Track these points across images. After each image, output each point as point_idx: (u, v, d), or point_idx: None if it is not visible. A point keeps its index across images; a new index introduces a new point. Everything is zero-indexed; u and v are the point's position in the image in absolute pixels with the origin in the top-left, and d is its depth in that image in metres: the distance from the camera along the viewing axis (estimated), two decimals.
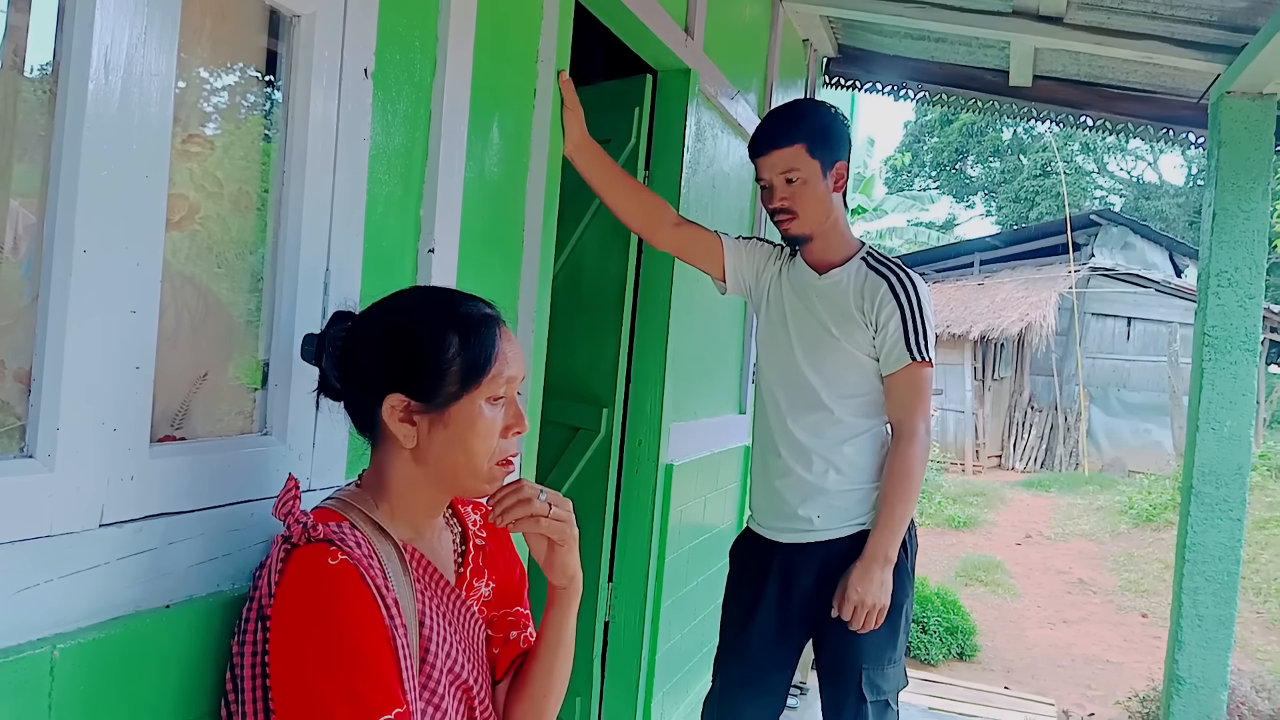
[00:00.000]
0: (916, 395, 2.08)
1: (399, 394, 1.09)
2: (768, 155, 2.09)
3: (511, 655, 1.28)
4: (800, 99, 2.34)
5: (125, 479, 1.01)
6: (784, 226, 2.12)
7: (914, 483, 2.06)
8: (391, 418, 1.10)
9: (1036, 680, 5.73)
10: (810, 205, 2.08)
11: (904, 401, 2.08)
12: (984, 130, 24.54)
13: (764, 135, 2.12)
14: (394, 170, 1.47)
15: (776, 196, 2.09)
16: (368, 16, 1.35)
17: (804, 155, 2.06)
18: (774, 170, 2.08)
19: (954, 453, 13.87)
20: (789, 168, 2.06)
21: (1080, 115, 4.09)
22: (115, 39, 0.97)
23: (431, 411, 1.10)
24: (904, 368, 2.07)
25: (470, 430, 1.11)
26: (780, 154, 2.07)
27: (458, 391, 1.10)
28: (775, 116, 2.18)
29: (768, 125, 2.15)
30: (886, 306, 2.06)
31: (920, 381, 2.08)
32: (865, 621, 2.02)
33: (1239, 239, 3.10)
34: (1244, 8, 2.85)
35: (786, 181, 2.07)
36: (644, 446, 2.89)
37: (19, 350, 0.99)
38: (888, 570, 2.03)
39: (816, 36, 4.20)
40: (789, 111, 2.17)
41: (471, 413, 1.11)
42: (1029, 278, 14.60)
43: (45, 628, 0.92)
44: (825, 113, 2.13)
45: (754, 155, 2.13)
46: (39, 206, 0.98)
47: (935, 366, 2.14)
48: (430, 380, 1.10)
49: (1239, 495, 3.10)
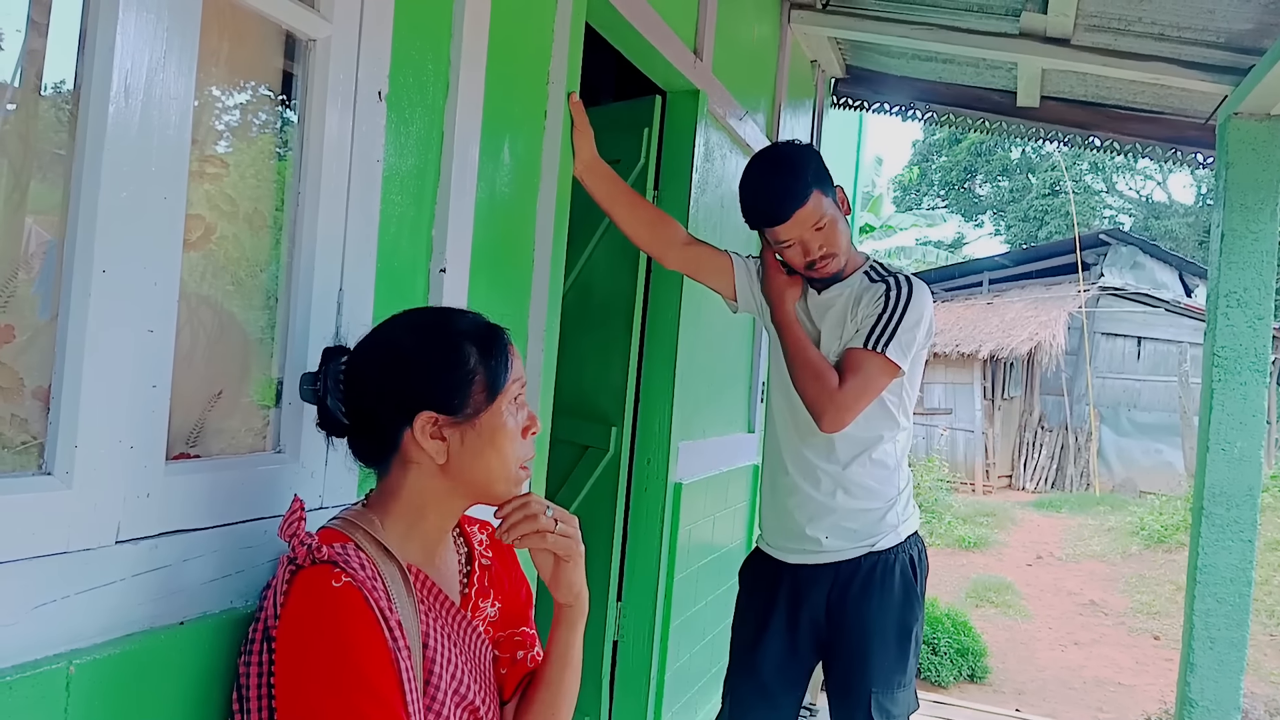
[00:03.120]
0: (855, 373, 1.99)
1: (429, 411, 1.10)
2: (793, 217, 2.00)
3: (519, 675, 1.27)
4: (775, 146, 2.20)
5: (141, 496, 1.02)
6: (824, 270, 2.06)
7: (806, 357, 2.04)
8: (424, 436, 1.11)
9: (1048, 703, 5.69)
10: (841, 240, 2.06)
11: (842, 373, 2.01)
12: (992, 149, 24.55)
13: (778, 200, 2.02)
14: (407, 191, 1.49)
15: (814, 248, 2.03)
16: (382, 40, 1.37)
17: (822, 200, 2.02)
18: (804, 226, 2.01)
19: (964, 472, 13.82)
20: (817, 219, 2.01)
21: (1088, 136, 4.10)
22: (135, 63, 0.99)
23: (463, 423, 1.12)
24: (850, 350, 2.01)
25: (501, 435, 1.14)
26: (805, 210, 2.00)
27: (485, 400, 1.13)
28: (777, 177, 2.05)
29: (775, 188, 2.03)
30: (874, 303, 2.04)
31: (864, 364, 1.98)
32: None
33: (1248, 259, 3.10)
34: (1250, 30, 2.86)
35: (817, 230, 2.02)
36: (653, 465, 2.89)
37: (37, 368, 1.00)
38: None
39: (824, 58, 4.23)
40: (788, 166, 2.06)
41: (498, 419, 1.14)
42: (1038, 297, 14.57)
43: (62, 643, 0.93)
44: (813, 153, 2.09)
45: (772, 224, 2.03)
46: (59, 226, 1.00)
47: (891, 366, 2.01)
48: (459, 393, 1.12)
49: (1250, 516, 3.08)
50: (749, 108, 3.37)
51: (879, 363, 1.99)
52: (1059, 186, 23.06)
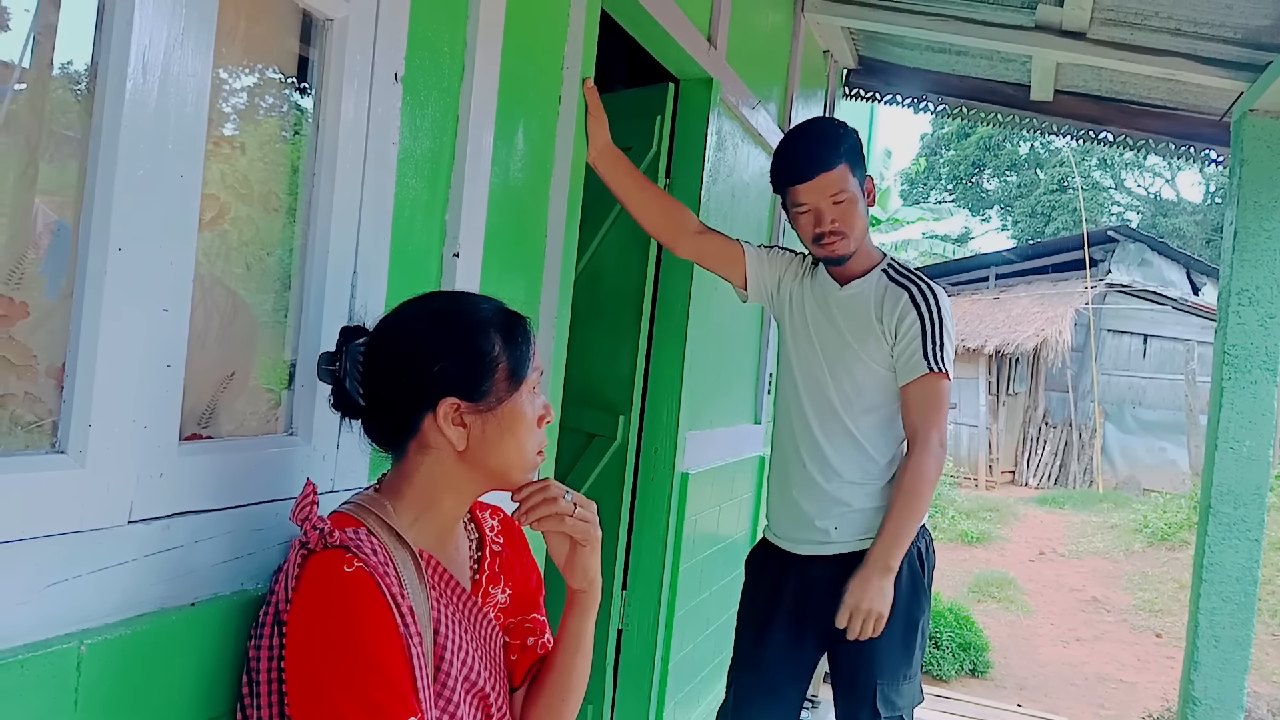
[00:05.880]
0: (932, 406, 2.07)
1: (452, 398, 1.10)
2: (815, 179, 2.01)
3: (529, 662, 1.27)
4: (819, 118, 2.30)
5: (155, 476, 1.02)
6: (831, 248, 2.06)
7: (924, 494, 2.05)
8: (446, 422, 1.10)
9: (1049, 698, 5.69)
10: (857, 224, 2.06)
11: (919, 412, 2.07)
12: (1001, 144, 24.47)
13: (807, 160, 2.04)
14: (421, 174, 1.48)
15: (826, 219, 2.03)
16: (399, 21, 1.36)
17: (849, 175, 2.03)
18: (822, 194, 2.02)
19: (968, 467, 13.80)
20: (838, 189, 2.02)
21: (1101, 131, 4.08)
22: (153, 40, 0.98)
23: (485, 411, 1.11)
24: (920, 378, 2.06)
25: (520, 424, 1.14)
26: (829, 176, 2.01)
27: (508, 388, 1.12)
28: (810, 140, 2.09)
29: (806, 150, 2.06)
30: (907, 317, 2.05)
31: (936, 393, 2.07)
32: (863, 629, 2.01)
33: (1260, 258, 3.08)
34: (1268, 26, 2.83)
35: (835, 203, 2.03)
36: (660, 454, 2.88)
37: (51, 346, 1.00)
38: (888, 579, 2.02)
39: (837, 48, 4.21)
40: (823, 133, 2.10)
41: (518, 407, 1.14)
42: (1045, 293, 14.53)
43: (73, 623, 0.93)
44: (853, 132, 2.10)
45: (795, 181, 2.04)
46: (66, 205, 0.99)
47: (951, 380, 2.12)
48: (484, 380, 1.11)
49: (1257, 516, 3.07)
50: (761, 97, 3.35)
51: (947, 381, 2.08)
52: (1067, 182, 22.98)
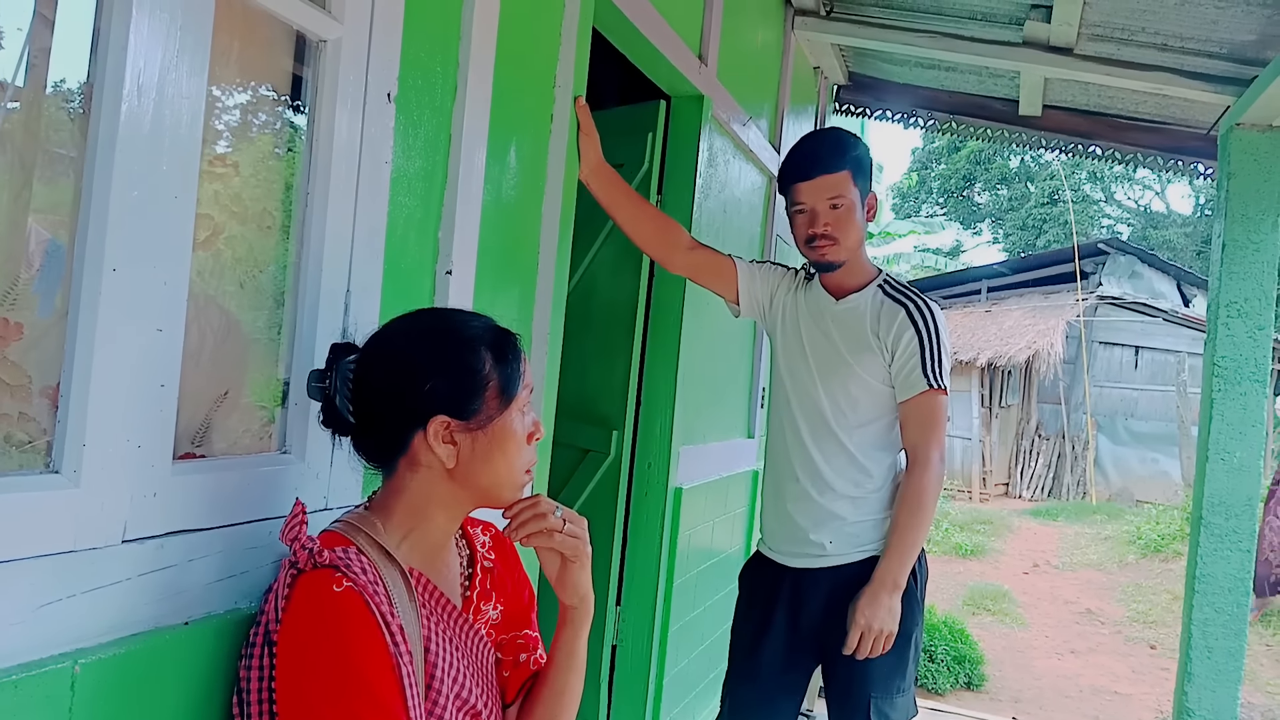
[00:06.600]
0: (931, 422, 2.08)
1: (443, 415, 1.10)
2: (815, 180, 2.05)
3: (522, 678, 1.27)
4: (834, 128, 2.33)
5: (148, 496, 1.02)
6: (822, 252, 2.09)
7: (926, 510, 2.06)
8: (436, 440, 1.10)
9: (1044, 711, 5.68)
10: (850, 232, 2.08)
11: (918, 428, 2.08)
12: (991, 158, 24.60)
13: (810, 160, 2.08)
14: (414, 193, 1.49)
15: (820, 221, 2.07)
16: (392, 42, 1.37)
17: (849, 182, 2.06)
18: (819, 195, 2.06)
19: (961, 480, 13.82)
20: (837, 194, 2.05)
21: (1090, 145, 4.11)
22: (148, 62, 0.99)
23: (475, 429, 1.12)
24: (919, 394, 2.07)
25: (510, 442, 1.14)
26: (830, 179, 2.05)
27: (498, 406, 1.13)
28: (818, 143, 2.14)
29: (813, 150, 2.11)
30: (905, 333, 2.06)
31: (935, 409, 2.08)
32: (872, 648, 2.01)
33: (1249, 270, 3.11)
34: (1253, 41, 2.87)
35: (831, 207, 2.06)
36: (653, 469, 2.89)
37: (45, 366, 1.00)
38: (896, 596, 2.02)
39: (827, 64, 4.24)
40: (832, 138, 2.14)
41: (509, 424, 1.14)
42: (1036, 305, 14.59)
43: (67, 643, 0.93)
44: (863, 145, 2.13)
45: (796, 179, 2.08)
46: (61, 224, 1.00)
47: (949, 396, 2.13)
48: (474, 398, 1.11)
49: (1249, 526, 3.08)
50: (752, 113, 3.38)
51: (945, 397, 2.09)
52: (1057, 195, 23.10)
